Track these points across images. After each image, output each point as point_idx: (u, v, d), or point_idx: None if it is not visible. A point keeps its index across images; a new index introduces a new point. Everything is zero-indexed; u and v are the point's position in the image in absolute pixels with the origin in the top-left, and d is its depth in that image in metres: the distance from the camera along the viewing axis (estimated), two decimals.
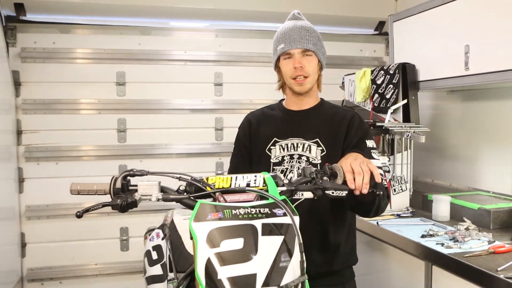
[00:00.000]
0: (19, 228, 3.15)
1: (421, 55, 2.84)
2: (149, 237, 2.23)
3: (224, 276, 1.16)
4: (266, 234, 1.21)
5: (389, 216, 2.56)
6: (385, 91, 2.93)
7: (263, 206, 1.26)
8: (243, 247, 1.19)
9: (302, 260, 1.19)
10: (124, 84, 3.31)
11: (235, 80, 3.50)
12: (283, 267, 1.20)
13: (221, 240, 1.19)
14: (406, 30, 3.01)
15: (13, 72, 3.11)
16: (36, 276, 3.20)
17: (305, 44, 1.78)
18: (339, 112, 1.89)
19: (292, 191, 1.40)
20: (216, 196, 1.32)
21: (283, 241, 1.22)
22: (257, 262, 1.18)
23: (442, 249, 1.96)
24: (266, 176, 1.37)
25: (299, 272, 1.20)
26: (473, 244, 2.00)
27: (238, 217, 1.22)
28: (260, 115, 1.96)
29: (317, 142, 1.81)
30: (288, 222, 1.24)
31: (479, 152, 2.83)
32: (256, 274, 1.16)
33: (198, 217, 1.22)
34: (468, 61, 2.42)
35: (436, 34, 2.70)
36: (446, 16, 2.60)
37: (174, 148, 3.41)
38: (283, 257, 1.20)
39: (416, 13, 2.87)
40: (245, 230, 1.21)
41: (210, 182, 1.36)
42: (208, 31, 3.51)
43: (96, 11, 3.24)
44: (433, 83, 2.76)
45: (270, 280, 1.17)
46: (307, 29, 1.81)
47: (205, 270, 1.17)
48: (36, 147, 3.17)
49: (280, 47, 1.81)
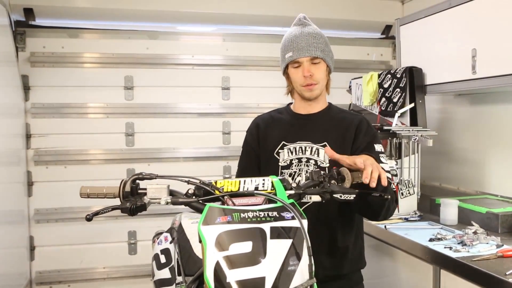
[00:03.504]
0: (28, 231, 3.17)
1: (428, 58, 2.84)
2: (157, 240, 2.24)
3: (233, 279, 1.16)
4: (275, 238, 1.21)
5: (397, 220, 2.55)
6: (392, 94, 2.93)
7: (271, 209, 1.27)
8: (251, 251, 1.19)
9: (310, 263, 1.20)
10: (132, 88, 3.34)
11: (243, 84, 3.51)
12: (292, 271, 1.20)
13: (230, 244, 1.19)
14: (413, 33, 3.01)
15: (23, 76, 3.14)
16: (44, 279, 3.22)
17: (313, 51, 1.78)
18: (347, 117, 1.90)
19: (300, 194, 1.40)
20: (224, 199, 1.33)
21: (291, 244, 1.22)
22: (266, 265, 1.18)
23: (451, 252, 1.96)
24: (274, 180, 1.37)
25: (307, 275, 1.20)
26: (482, 248, 1.99)
27: (247, 221, 1.22)
28: (268, 119, 1.97)
29: (325, 145, 1.81)
30: (297, 226, 1.24)
31: (487, 156, 2.82)
32: (264, 278, 1.17)
33: (207, 221, 1.22)
34: (475, 64, 2.42)
35: (443, 38, 2.70)
36: (453, 20, 2.60)
37: (181, 152, 3.42)
38: (291, 260, 1.20)
39: (423, 17, 2.87)
40: (254, 234, 1.21)
41: (218, 185, 1.37)
42: (215, 35, 3.53)
43: (104, 16, 3.27)
44: (440, 87, 2.75)
45: (278, 284, 1.17)
46: (314, 36, 1.81)
47: (214, 273, 1.17)
48: (45, 151, 3.19)
49: (288, 56, 1.81)
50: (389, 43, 3.76)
